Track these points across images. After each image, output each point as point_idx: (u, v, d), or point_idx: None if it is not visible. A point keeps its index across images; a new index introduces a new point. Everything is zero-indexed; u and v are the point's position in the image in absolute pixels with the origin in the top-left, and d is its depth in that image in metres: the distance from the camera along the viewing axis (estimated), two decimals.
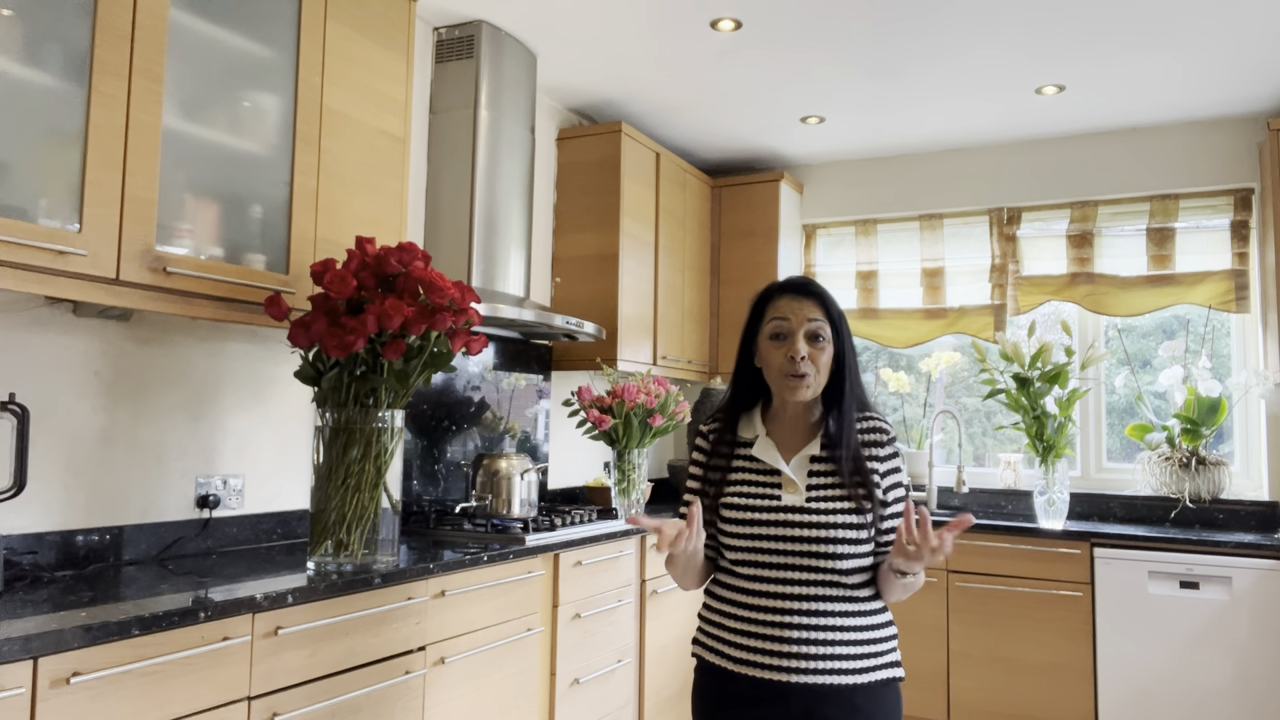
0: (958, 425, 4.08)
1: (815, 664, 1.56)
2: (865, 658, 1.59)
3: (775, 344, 1.65)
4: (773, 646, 1.58)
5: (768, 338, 1.66)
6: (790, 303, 1.65)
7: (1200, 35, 3.06)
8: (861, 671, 1.58)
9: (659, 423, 3.45)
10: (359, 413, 2.06)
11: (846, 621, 1.59)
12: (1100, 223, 4.04)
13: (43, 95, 1.70)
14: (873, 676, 1.59)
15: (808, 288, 1.66)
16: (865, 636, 1.60)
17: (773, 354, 1.65)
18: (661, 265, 3.99)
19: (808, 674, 1.56)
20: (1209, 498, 3.64)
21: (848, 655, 1.57)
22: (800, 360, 1.61)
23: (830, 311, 1.65)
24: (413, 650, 2.16)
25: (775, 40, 3.16)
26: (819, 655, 1.56)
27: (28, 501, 1.96)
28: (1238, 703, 3.18)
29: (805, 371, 1.61)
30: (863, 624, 1.60)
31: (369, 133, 2.45)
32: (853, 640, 1.58)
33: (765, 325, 1.67)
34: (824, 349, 1.63)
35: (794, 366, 1.61)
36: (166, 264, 1.88)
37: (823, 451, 1.64)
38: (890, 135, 4.18)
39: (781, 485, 1.64)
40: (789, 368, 1.62)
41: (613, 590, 3.00)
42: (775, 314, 1.66)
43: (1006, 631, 3.53)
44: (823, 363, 1.63)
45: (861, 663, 1.58)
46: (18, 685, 1.38)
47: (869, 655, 1.59)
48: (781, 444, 1.69)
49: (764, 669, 1.58)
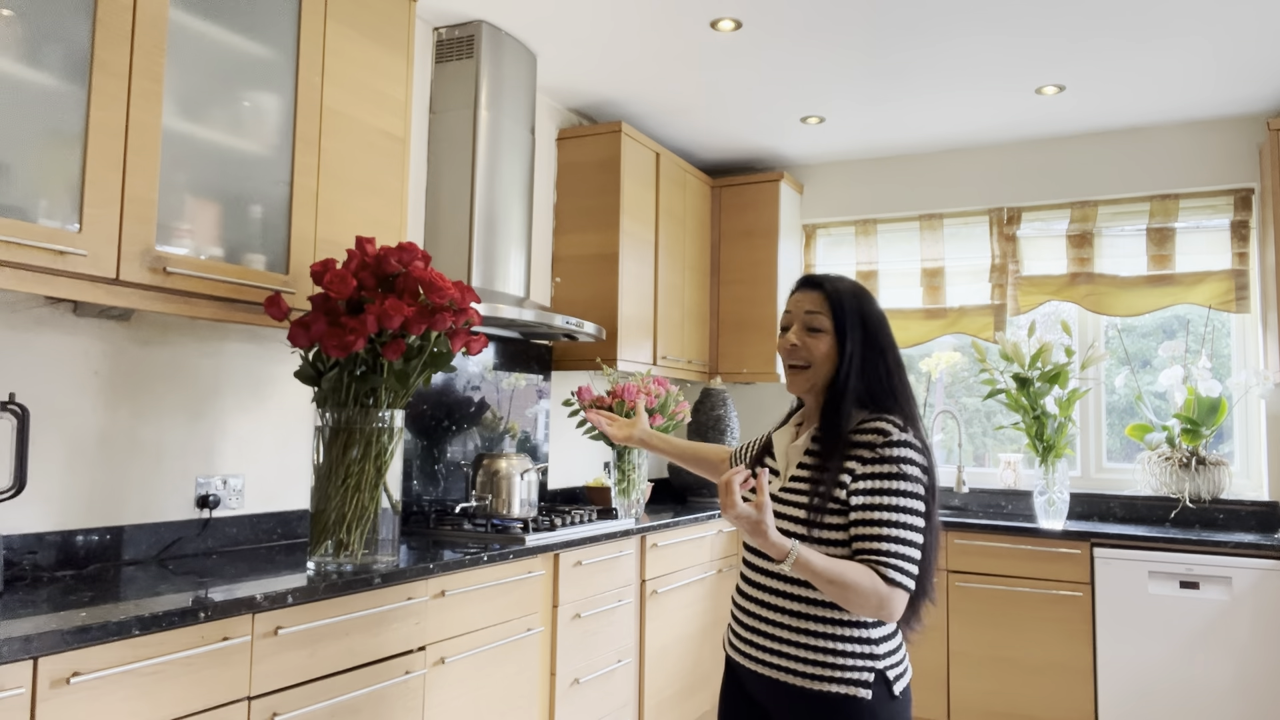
0: (958, 425, 4.08)
1: (768, 656, 1.57)
2: (817, 665, 1.52)
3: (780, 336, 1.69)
4: (745, 633, 1.63)
5: (779, 333, 1.70)
6: (796, 296, 1.68)
7: (1200, 35, 3.06)
8: (810, 678, 1.52)
9: (659, 423, 3.45)
10: (359, 413, 2.06)
11: (800, 624, 1.54)
12: (1100, 223, 4.04)
13: (43, 95, 1.70)
14: (824, 687, 1.51)
15: (813, 281, 1.67)
16: (822, 644, 1.52)
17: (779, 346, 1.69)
18: (661, 265, 3.99)
19: (763, 665, 1.58)
20: (1209, 498, 3.64)
21: (798, 657, 1.53)
22: (790, 347, 1.63)
23: (832, 303, 1.61)
24: (413, 650, 2.16)
25: (775, 40, 3.16)
26: (771, 649, 1.57)
27: (28, 501, 1.96)
28: (1238, 703, 3.18)
29: (797, 359, 1.63)
30: (819, 630, 1.52)
31: (369, 133, 2.45)
32: (806, 644, 1.53)
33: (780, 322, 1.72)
34: (821, 339, 1.61)
35: (785, 354, 1.65)
36: (166, 264, 1.88)
37: (814, 444, 1.63)
38: (890, 135, 4.18)
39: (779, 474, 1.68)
40: (782, 356, 1.66)
41: (613, 590, 3.00)
42: (785, 309, 1.70)
43: (1006, 631, 3.53)
44: (821, 352, 1.61)
45: (811, 668, 1.52)
46: (18, 685, 1.38)
47: (822, 664, 1.51)
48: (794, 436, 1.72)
49: (740, 654, 1.64)
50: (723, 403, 4.24)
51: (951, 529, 3.66)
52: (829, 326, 1.61)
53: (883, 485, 1.51)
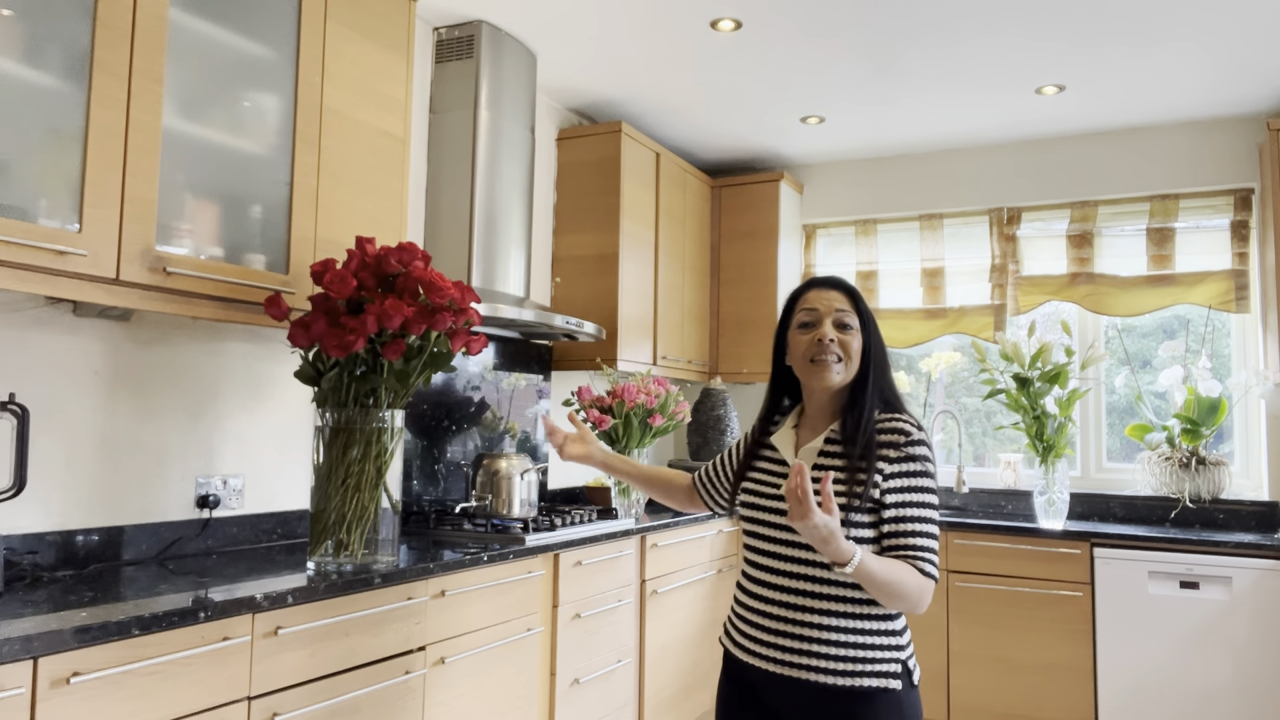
0: (958, 425, 4.08)
1: (793, 658, 1.54)
2: (848, 660, 1.52)
3: (802, 332, 1.65)
4: (759, 635, 1.59)
5: (796, 328, 1.67)
6: (819, 294, 1.66)
7: (1200, 35, 3.06)
8: (842, 675, 1.52)
9: (659, 423, 3.45)
10: (359, 413, 2.06)
11: (831, 621, 1.53)
12: (1100, 223, 4.04)
13: (43, 95, 1.70)
14: (856, 683, 1.52)
15: (837, 282, 1.68)
16: (851, 640, 1.53)
17: (799, 341, 1.65)
18: (661, 265, 3.99)
19: (785, 666, 1.55)
20: (1209, 498, 3.64)
21: (828, 655, 1.52)
22: (829, 342, 1.60)
23: (859, 305, 1.66)
24: (413, 650, 2.16)
25: (775, 40, 3.16)
26: (797, 649, 1.54)
27: (28, 501, 1.96)
28: (1238, 703, 3.18)
29: (833, 354, 1.60)
30: (850, 626, 1.53)
31: (369, 133, 2.45)
32: (835, 640, 1.53)
33: (795, 318, 1.68)
34: (853, 337, 1.63)
35: (821, 349, 1.61)
36: (166, 264, 1.88)
37: (831, 446, 1.61)
38: (890, 135, 4.18)
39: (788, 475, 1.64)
40: (815, 351, 1.61)
41: (613, 590, 3.00)
42: (804, 306, 1.67)
43: (1006, 631, 3.53)
44: (854, 349, 1.62)
45: (842, 665, 1.52)
46: (18, 685, 1.38)
47: (854, 659, 1.52)
48: (803, 438, 1.69)
49: (754, 656, 1.60)
50: (723, 403, 4.24)
51: (951, 529, 3.66)
52: (858, 325, 1.64)
53: (912, 483, 1.56)
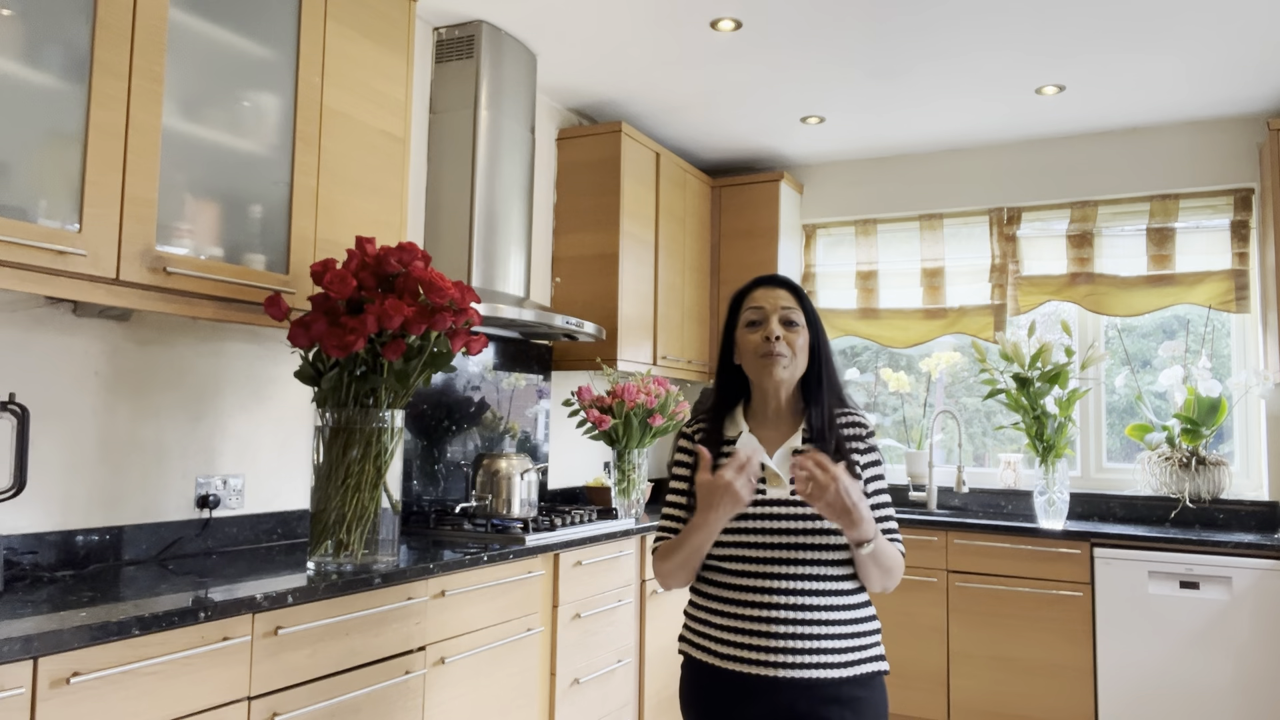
0: (958, 425, 4.08)
1: (802, 657, 1.56)
2: (851, 650, 1.59)
3: (750, 330, 1.69)
4: (760, 641, 1.58)
5: (744, 327, 1.70)
6: (764, 293, 1.71)
7: (1200, 35, 3.06)
8: (847, 664, 1.58)
9: (659, 423, 3.45)
10: (359, 413, 2.06)
11: (832, 615, 1.59)
12: (1100, 223, 4.04)
13: (43, 95, 1.70)
14: (858, 669, 1.59)
15: (781, 280, 1.73)
16: (850, 630, 1.60)
17: (747, 340, 1.69)
18: (661, 265, 3.99)
19: (795, 668, 1.56)
20: (1209, 498, 3.64)
21: (834, 649, 1.58)
22: (775, 339, 1.64)
23: (803, 302, 1.71)
24: (413, 650, 2.16)
25: (775, 40, 3.16)
26: (806, 649, 1.56)
27: (28, 501, 1.96)
28: (1238, 703, 3.18)
29: (781, 351, 1.65)
30: (847, 617, 1.60)
31: (369, 133, 2.45)
32: (839, 634, 1.59)
33: (741, 317, 1.72)
34: (799, 333, 1.68)
35: (769, 346, 1.65)
36: (166, 264, 1.88)
37: (805, 444, 1.65)
38: (890, 135, 4.18)
39: (765, 479, 1.65)
40: (764, 347, 1.66)
41: (613, 590, 3.00)
42: (751, 304, 1.71)
43: (1006, 631, 3.53)
44: (799, 345, 1.67)
45: (847, 655, 1.59)
46: (18, 685, 1.38)
47: (854, 648, 1.60)
48: (764, 439, 1.70)
49: (751, 664, 1.58)
50: None
51: (951, 529, 3.66)
52: (804, 322, 1.69)
53: (878, 471, 1.69)
